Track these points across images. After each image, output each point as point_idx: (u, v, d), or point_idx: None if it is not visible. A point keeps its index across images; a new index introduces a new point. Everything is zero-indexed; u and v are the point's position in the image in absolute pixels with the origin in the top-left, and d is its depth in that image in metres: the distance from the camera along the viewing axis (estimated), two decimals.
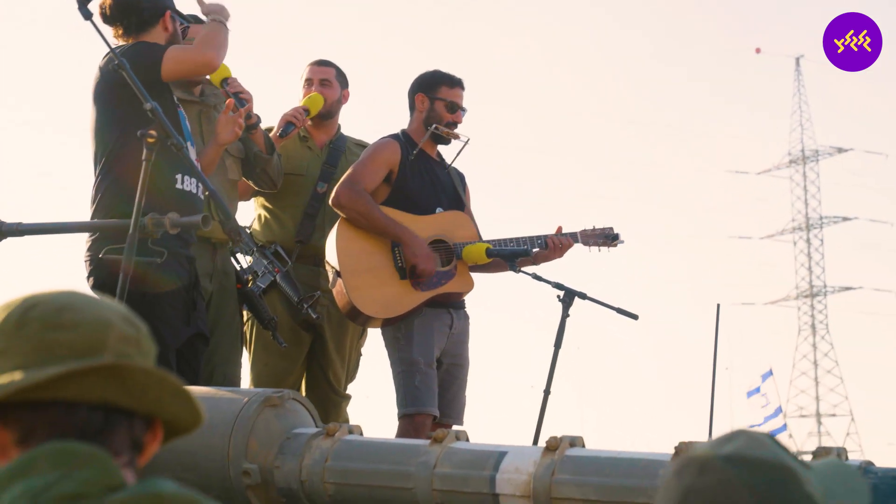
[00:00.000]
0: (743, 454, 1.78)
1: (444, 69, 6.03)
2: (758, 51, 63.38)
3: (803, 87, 61.27)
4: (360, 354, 6.25)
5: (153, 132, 3.84)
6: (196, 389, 4.39)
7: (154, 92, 4.38)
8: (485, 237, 5.94)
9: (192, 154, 4.88)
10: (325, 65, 6.27)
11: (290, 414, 4.22)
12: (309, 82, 6.23)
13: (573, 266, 6.23)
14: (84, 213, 4.93)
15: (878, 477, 3.34)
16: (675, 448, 3.53)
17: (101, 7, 4.92)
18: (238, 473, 4.07)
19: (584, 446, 3.82)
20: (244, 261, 5.88)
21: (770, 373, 23.42)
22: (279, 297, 5.89)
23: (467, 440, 4.02)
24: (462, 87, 5.98)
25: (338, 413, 6.06)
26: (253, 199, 6.19)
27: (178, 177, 4.82)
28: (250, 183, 5.90)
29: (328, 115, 6.24)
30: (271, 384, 5.83)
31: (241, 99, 5.40)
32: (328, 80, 6.23)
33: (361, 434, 4.20)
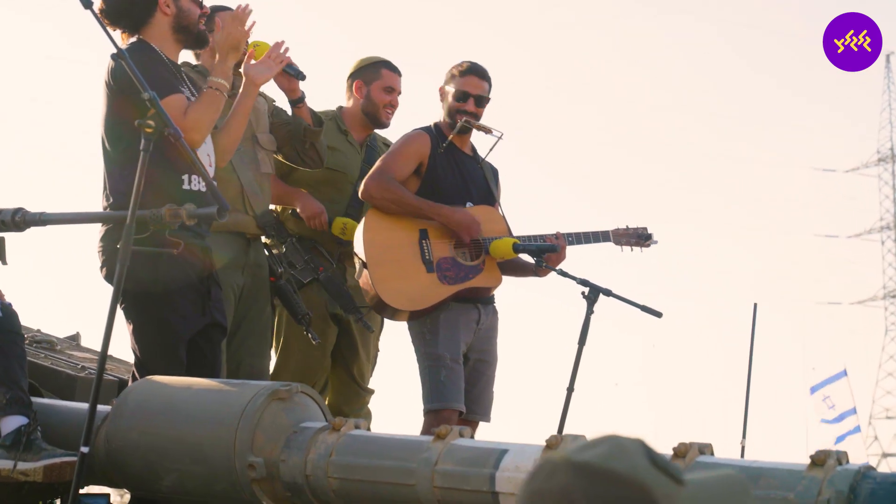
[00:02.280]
0: (594, 463, 1.69)
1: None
2: None
3: (893, 84, 60.25)
4: (378, 350, 6.24)
5: (151, 122, 3.82)
6: (205, 382, 4.38)
7: None
8: (551, 226, 5.90)
9: (206, 150, 4.84)
10: (399, 73, 6.30)
11: (299, 408, 4.19)
12: (389, 90, 6.25)
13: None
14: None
15: (877, 482, 3.25)
16: (673, 449, 3.45)
17: (99, 13, 4.87)
18: (244, 466, 4.04)
19: None
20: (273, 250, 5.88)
21: (844, 373, 23.10)
22: (317, 290, 5.88)
23: (472, 437, 3.97)
24: (477, 75, 5.87)
25: (361, 407, 6.05)
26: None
27: (186, 177, 4.76)
28: (297, 165, 5.82)
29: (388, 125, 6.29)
30: (306, 376, 5.84)
31: (292, 65, 5.33)
32: (400, 93, 6.28)
33: (368, 429, 4.16)
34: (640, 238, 6.01)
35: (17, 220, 4.80)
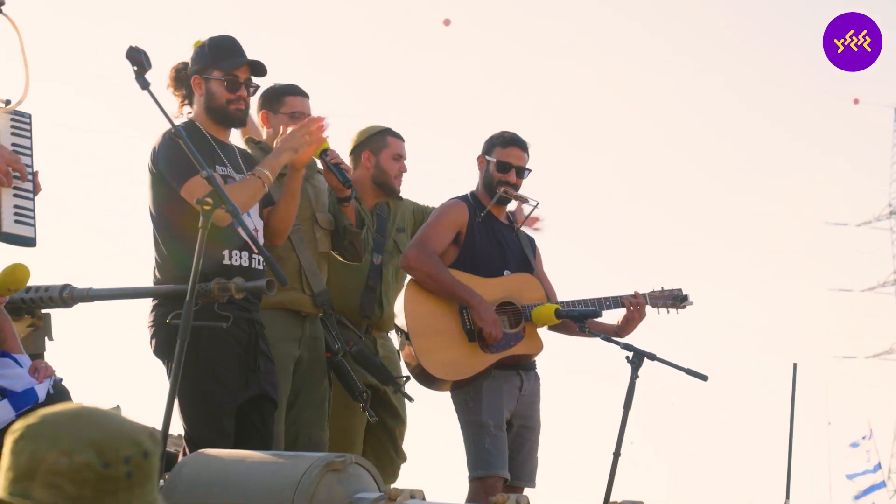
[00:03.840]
0: None
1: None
2: (856, 101, 62.42)
3: None
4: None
5: (209, 199, 3.89)
6: (258, 455, 4.41)
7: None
8: (570, 292, 5.94)
9: (252, 224, 4.90)
10: (403, 139, 6.28)
11: (353, 479, 4.20)
12: (398, 157, 6.22)
13: (663, 322, 6.16)
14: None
15: None
16: None
17: (171, 78, 5.08)
18: None
19: None
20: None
21: (870, 433, 23.23)
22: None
23: None
24: (519, 147, 5.93)
25: (396, 474, 6.04)
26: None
27: (226, 252, 4.85)
28: (335, 254, 5.85)
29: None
30: (342, 446, 5.84)
31: (343, 170, 5.37)
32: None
33: (424, 499, 4.17)
34: (675, 299, 6.03)
35: (65, 296, 4.87)
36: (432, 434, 6.35)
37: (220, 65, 4.99)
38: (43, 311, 5.24)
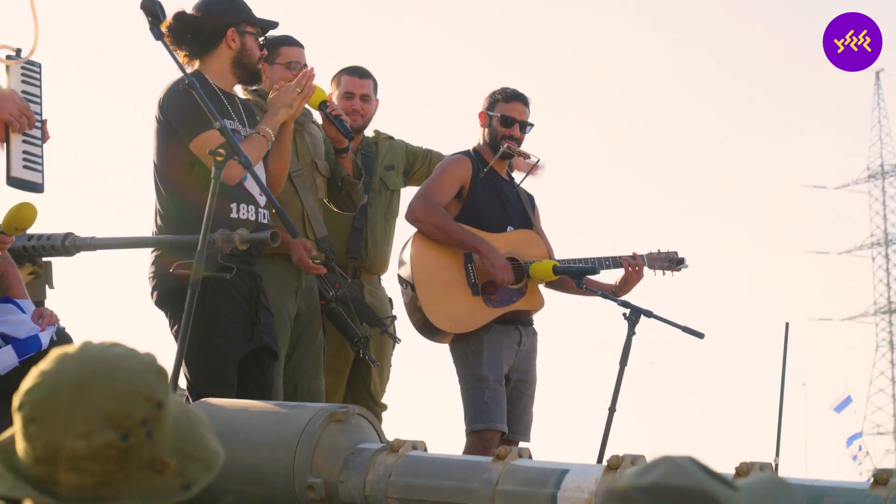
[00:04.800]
0: (662, 483, 1.80)
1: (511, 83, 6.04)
2: None
3: (883, 100, 60.37)
4: (391, 366, 6.25)
5: (222, 150, 3.91)
6: (262, 404, 4.46)
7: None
8: (567, 255, 5.98)
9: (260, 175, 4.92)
10: (365, 76, 6.12)
11: (355, 429, 4.25)
12: (349, 96, 6.07)
13: (646, 283, 6.23)
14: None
15: None
16: (736, 469, 3.52)
17: (166, 31, 4.88)
18: (303, 488, 4.10)
19: None
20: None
21: (849, 399, 23.56)
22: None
23: (530, 457, 4.02)
24: (521, 102, 5.95)
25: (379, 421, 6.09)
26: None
27: (234, 206, 4.86)
28: (331, 205, 5.88)
29: (362, 129, 6.18)
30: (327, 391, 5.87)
31: (342, 121, 5.39)
32: (368, 96, 6.12)
33: (426, 450, 4.22)
34: (671, 262, 6.09)
35: (68, 244, 4.89)
36: (428, 388, 6.38)
37: (255, 21, 5.00)
38: (44, 259, 5.26)
